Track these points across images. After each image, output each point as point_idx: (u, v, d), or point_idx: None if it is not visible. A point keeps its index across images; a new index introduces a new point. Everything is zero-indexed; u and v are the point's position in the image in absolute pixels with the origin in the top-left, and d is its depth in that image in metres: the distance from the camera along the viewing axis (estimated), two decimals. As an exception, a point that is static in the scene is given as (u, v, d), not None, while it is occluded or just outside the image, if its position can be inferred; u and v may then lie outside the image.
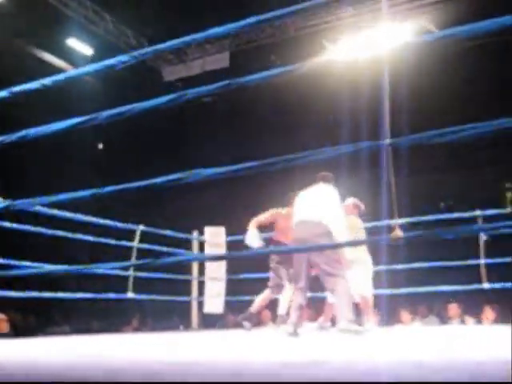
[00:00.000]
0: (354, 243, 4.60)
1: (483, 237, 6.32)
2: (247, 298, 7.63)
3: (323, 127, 9.62)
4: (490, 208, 6.51)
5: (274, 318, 8.17)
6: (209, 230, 7.74)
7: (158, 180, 2.37)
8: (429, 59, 7.48)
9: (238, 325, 5.62)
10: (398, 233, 4.52)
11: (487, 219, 6.44)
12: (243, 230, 7.39)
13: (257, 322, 8.17)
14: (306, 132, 9.69)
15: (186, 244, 7.77)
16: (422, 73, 8.21)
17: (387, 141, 2.11)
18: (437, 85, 8.54)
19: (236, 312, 8.54)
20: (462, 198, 9.59)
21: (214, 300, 7.61)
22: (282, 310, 5.54)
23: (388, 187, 4.50)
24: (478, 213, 6.57)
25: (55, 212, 5.17)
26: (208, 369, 2.14)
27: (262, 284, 7.53)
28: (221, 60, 9.73)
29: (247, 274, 7.62)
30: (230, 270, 7.71)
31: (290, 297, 5.31)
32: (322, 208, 4.52)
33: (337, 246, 4.26)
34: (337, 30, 9.28)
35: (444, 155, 9.49)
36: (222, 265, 7.70)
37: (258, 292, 7.38)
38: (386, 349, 3.14)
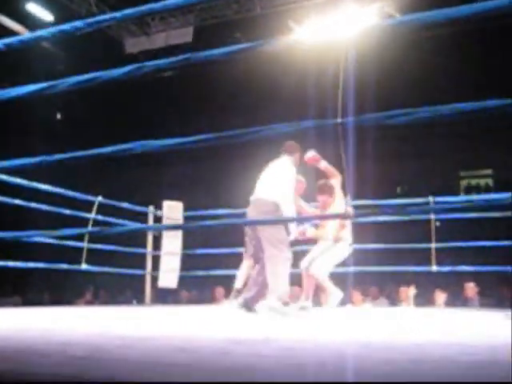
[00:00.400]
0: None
1: (434, 220, 6.47)
2: (201, 273, 7.68)
3: (291, 105, 9.61)
4: (446, 195, 6.69)
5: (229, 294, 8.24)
6: (167, 205, 7.71)
7: (107, 149, 2.34)
8: (390, 43, 7.54)
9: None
10: (349, 210, 4.58)
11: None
12: (201, 206, 7.41)
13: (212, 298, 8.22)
14: (273, 109, 9.68)
15: (143, 218, 7.74)
16: (384, 56, 8.27)
17: (339, 119, 2.14)
18: (398, 68, 8.63)
19: (190, 287, 8.58)
20: (418, 184, 9.78)
21: (169, 275, 7.60)
22: (238, 284, 5.56)
23: (345, 166, 4.53)
24: (430, 199, 6.75)
25: (11, 179, 5.09)
26: (158, 344, 2.15)
27: (215, 260, 7.58)
28: (184, 34, 9.60)
29: (202, 249, 7.66)
30: (186, 246, 7.72)
31: (246, 272, 5.36)
32: (272, 185, 4.54)
33: (276, 222, 4.30)
34: (303, 10, 9.24)
35: (405, 142, 9.62)
36: (178, 239, 7.69)
37: (211, 268, 7.43)
38: (333, 328, 3.20)
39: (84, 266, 6.36)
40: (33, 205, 5.74)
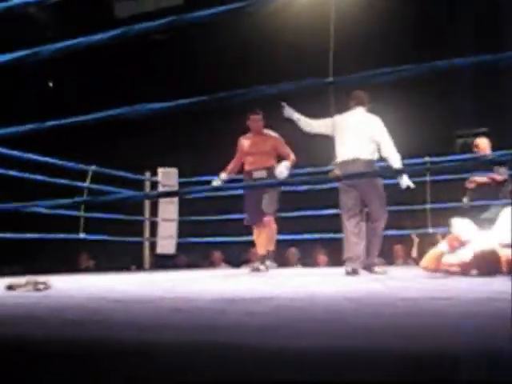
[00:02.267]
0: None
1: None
2: (197, 240, 7.74)
3: (286, 65, 9.49)
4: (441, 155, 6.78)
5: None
6: (162, 171, 7.71)
7: (99, 115, 2.33)
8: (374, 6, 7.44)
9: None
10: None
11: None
12: (195, 173, 7.39)
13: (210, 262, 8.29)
14: (268, 70, 9.55)
15: (138, 185, 7.74)
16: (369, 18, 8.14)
17: (330, 79, 2.13)
18: (380, 30, 8.50)
19: (187, 253, 8.64)
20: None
21: (167, 241, 7.66)
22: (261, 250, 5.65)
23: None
24: (427, 159, 6.82)
25: (4, 150, 5.08)
26: (154, 306, 2.18)
27: (212, 225, 7.61)
28: (175, -4, 9.42)
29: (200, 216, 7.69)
30: (182, 212, 7.75)
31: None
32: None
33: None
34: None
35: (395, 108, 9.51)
36: (174, 205, 7.72)
37: (208, 235, 7.48)
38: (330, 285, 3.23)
39: (82, 235, 6.39)
40: (26, 175, 5.73)
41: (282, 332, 1.44)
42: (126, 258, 8.94)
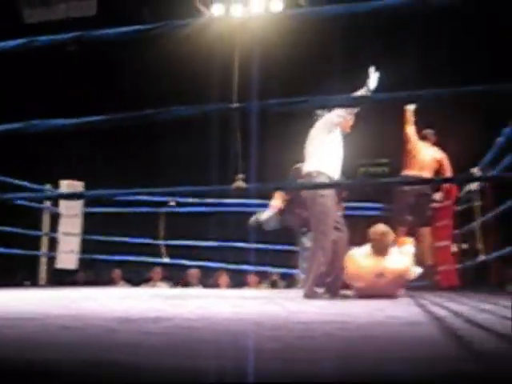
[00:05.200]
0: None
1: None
2: (101, 257, 7.56)
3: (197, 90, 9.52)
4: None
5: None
6: (65, 184, 7.45)
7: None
8: (292, 32, 7.64)
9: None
10: (241, 184, 4.62)
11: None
12: (103, 186, 7.19)
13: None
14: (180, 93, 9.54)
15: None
16: (284, 44, 8.33)
17: (235, 104, 2.18)
18: (295, 57, 8.72)
19: (88, 269, 8.40)
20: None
21: (68, 256, 7.41)
22: None
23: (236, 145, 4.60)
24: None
25: None
26: (41, 323, 2.10)
27: (114, 244, 7.46)
28: (87, 7, 9.23)
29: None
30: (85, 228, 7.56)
31: None
32: None
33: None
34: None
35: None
36: (78, 220, 7.50)
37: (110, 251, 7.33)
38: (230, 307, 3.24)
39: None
40: None
41: (176, 353, 1.43)
42: (22, 273, 8.56)
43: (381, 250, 4.31)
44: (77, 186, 7.47)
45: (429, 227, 5.91)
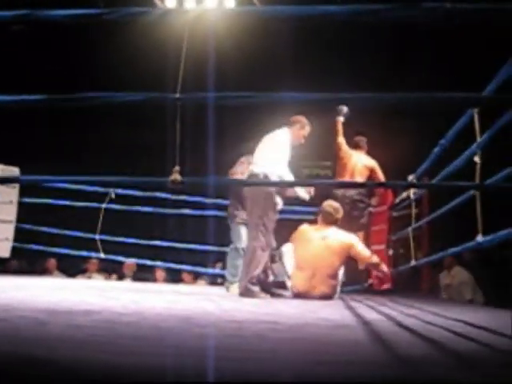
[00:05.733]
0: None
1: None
2: (36, 246, 7.36)
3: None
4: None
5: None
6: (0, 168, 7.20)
7: None
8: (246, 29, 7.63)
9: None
10: (177, 177, 4.57)
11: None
12: (39, 172, 6.95)
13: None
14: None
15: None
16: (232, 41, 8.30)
17: (177, 95, 2.17)
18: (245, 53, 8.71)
19: (22, 258, 8.16)
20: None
21: (1, 243, 7.17)
22: None
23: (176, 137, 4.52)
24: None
25: None
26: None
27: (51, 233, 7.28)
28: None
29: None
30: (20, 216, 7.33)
31: None
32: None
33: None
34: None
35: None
36: (13, 207, 7.27)
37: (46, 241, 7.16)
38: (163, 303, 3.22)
39: None
40: None
41: (102, 348, 1.41)
42: None
43: (330, 222, 4.56)
44: (12, 171, 7.23)
45: (363, 231, 6.02)
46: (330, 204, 4.67)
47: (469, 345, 1.88)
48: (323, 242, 4.46)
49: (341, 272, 4.60)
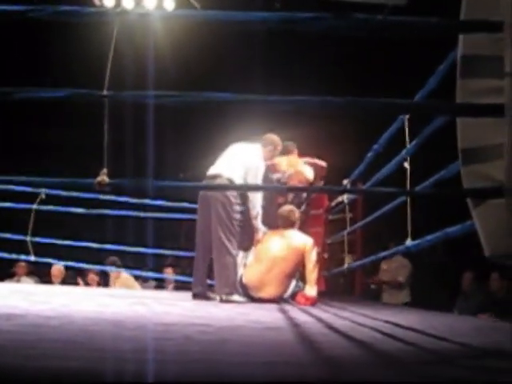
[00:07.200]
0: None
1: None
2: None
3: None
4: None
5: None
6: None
7: None
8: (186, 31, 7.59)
9: None
10: (105, 178, 4.47)
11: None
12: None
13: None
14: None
15: None
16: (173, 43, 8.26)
17: (104, 92, 2.13)
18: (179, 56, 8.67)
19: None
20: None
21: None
22: None
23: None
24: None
25: None
26: None
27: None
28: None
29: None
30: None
31: None
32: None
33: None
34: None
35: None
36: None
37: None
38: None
39: None
40: None
41: (26, 352, 1.37)
42: None
43: (288, 225, 4.67)
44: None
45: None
46: (284, 209, 4.79)
47: (394, 344, 1.93)
48: (284, 241, 4.55)
49: (295, 277, 4.67)
